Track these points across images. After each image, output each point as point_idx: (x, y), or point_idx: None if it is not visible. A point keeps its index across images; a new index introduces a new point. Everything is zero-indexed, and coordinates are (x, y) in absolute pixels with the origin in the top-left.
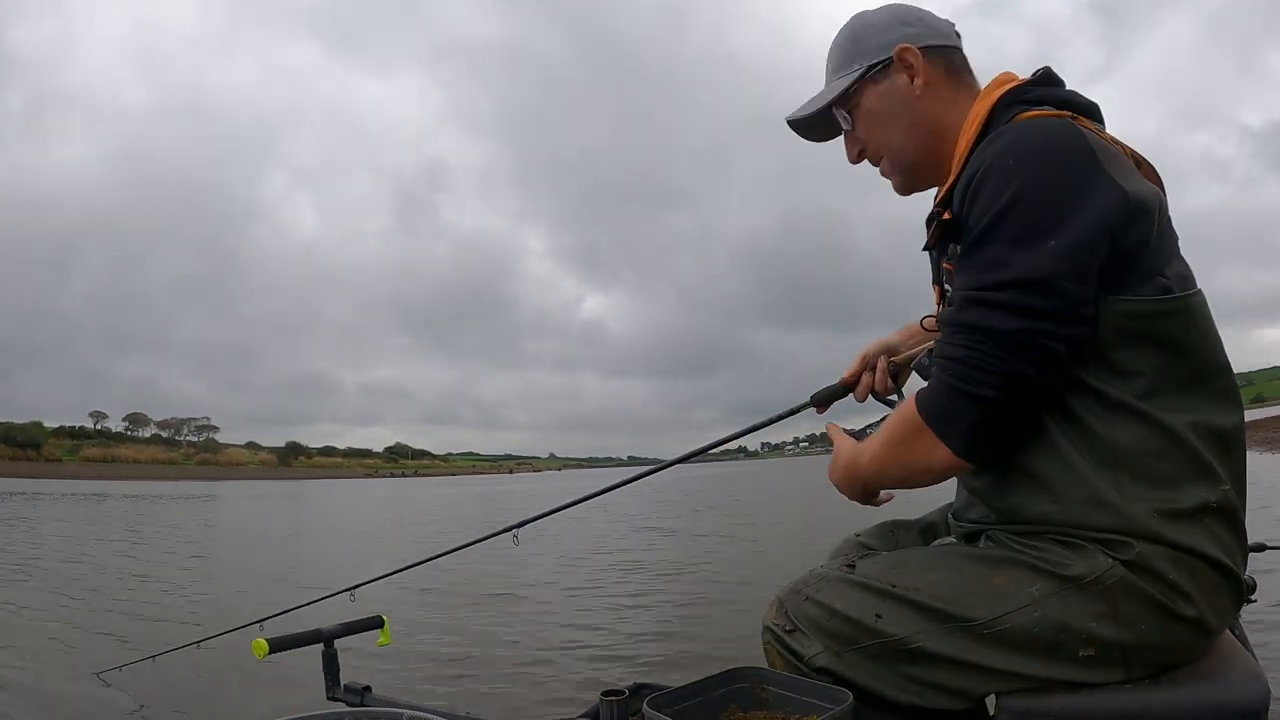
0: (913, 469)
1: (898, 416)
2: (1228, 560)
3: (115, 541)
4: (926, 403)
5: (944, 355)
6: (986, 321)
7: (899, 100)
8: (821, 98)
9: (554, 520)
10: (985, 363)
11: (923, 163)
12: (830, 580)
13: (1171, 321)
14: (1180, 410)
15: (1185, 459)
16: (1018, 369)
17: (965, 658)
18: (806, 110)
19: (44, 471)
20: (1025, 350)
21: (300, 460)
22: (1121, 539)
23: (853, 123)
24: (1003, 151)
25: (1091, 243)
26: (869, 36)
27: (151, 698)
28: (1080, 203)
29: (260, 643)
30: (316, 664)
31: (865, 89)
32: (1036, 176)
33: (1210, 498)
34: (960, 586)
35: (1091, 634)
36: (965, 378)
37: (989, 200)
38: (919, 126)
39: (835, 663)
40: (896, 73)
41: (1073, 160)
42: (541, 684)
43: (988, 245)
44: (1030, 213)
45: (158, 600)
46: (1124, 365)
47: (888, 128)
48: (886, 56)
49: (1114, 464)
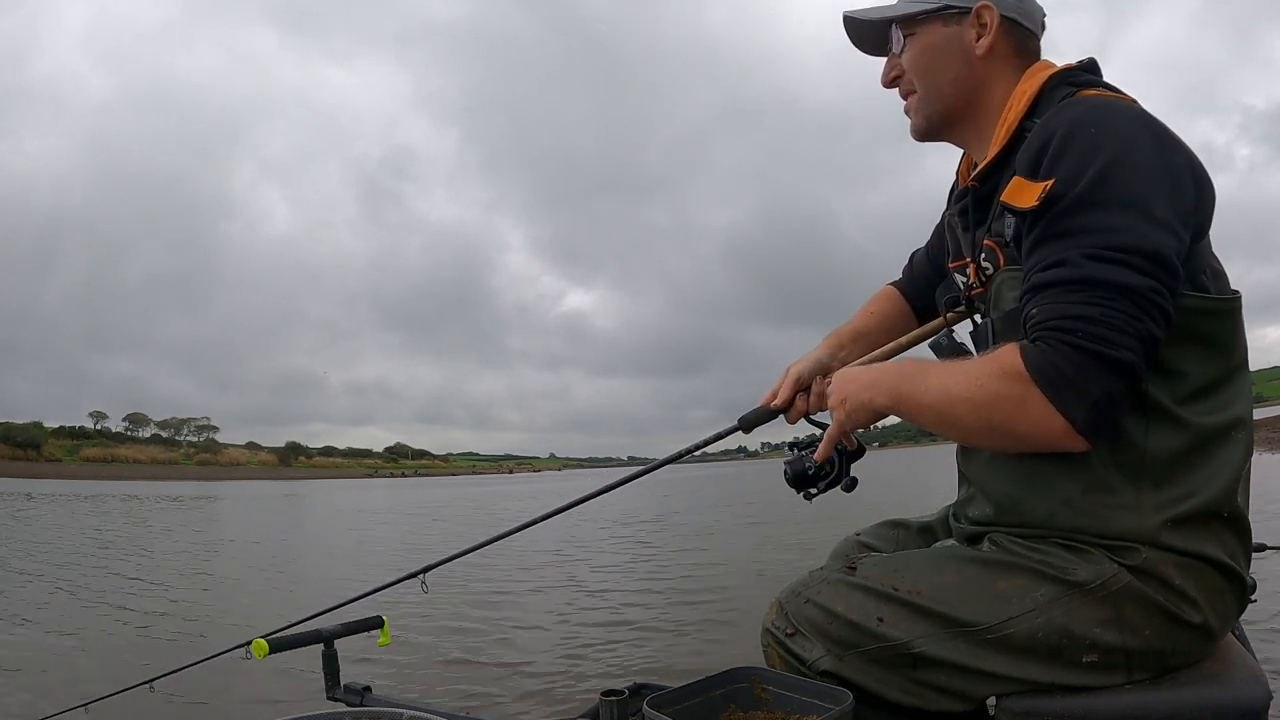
0: (1005, 433)
1: (992, 368)
2: (1232, 563)
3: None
4: (1042, 366)
5: (1068, 315)
6: (1119, 277)
7: (959, 50)
8: (890, 9)
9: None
10: (1122, 322)
11: (950, 117)
12: (831, 582)
13: (1219, 322)
14: (1212, 413)
15: (1207, 464)
16: (1150, 330)
17: (968, 662)
18: (869, 14)
19: (43, 471)
20: (1155, 312)
21: (300, 460)
22: (1129, 545)
23: (903, 47)
24: (1079, 121)
25: (1184, 215)
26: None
27: (153, 697)
28: (1171, 178)
29: (260, 643)
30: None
31: (932, 24)
32: (1126, 149)
33: (1223, 505)
34: (963, 591)
35: (1095, 639)
36: (1098, 338)
37: (1080, 165)
38: (964, 82)
39: (837, 666)
40: (969, 25)
41: (1152, 133)
42: (541, 684)
43: (1093, 210)
44: (1132, 183)
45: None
46: (1172, 363)
47: (937, 70)
48: (966, 6)
49: (1138, 471)
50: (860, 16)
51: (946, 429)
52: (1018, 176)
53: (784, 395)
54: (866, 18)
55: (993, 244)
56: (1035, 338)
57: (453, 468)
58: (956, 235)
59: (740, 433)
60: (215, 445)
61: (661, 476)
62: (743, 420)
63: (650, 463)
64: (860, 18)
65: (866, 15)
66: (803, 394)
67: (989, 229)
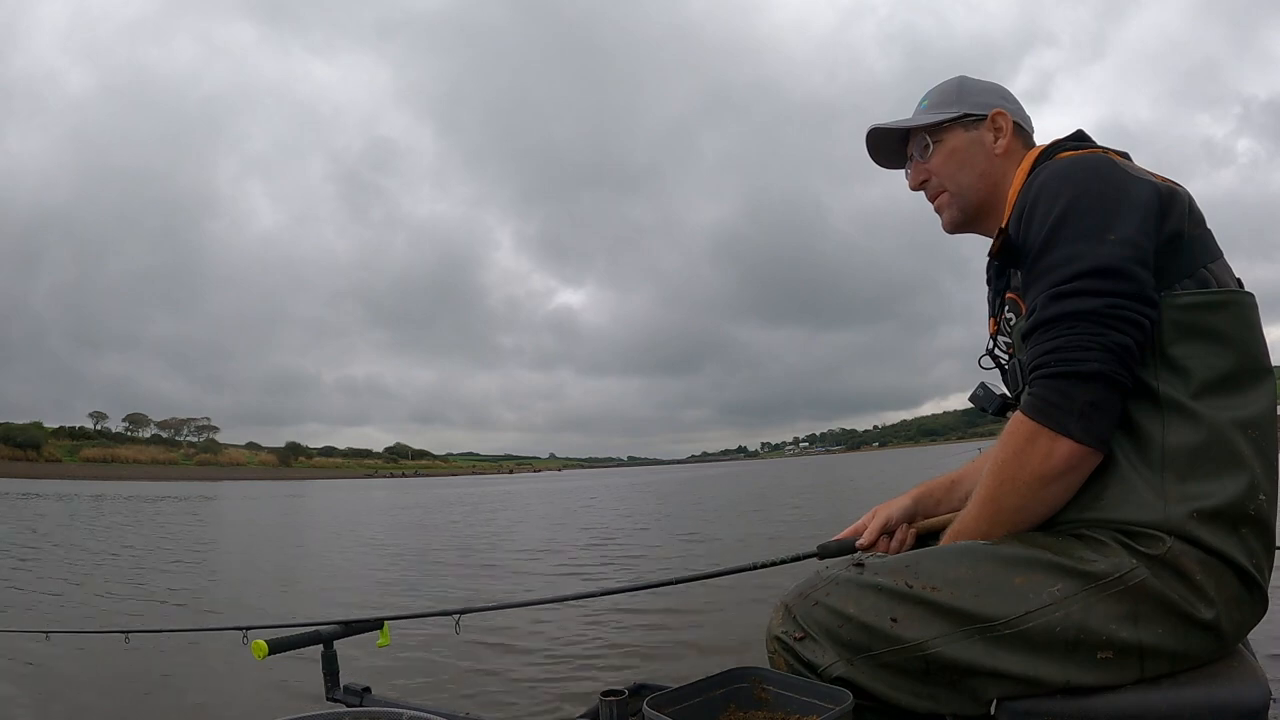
0: (1032, 483)
1: (1004, 436)
2: (1254, 571)
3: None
4: (1033, 405)
5: (1040, 353)
6: (1073, 307)
7: (981, 150)
8: (916, 119)
9: (553, 517)
10: (1084, 340)
11: (981, 209)
12: (840, 582)
13: (1220, 315)
14: (1227, 409)
15: (1229, 459)
16: (1115, 340)
17: (983, 662)
18: (898, 124)
19: (43, 472)
20: (1117, 323)
21: (301, 460)
22: (1154, 533)
23: (930, 153)
24: (1048, 179)
25: (1144, 230)
26: (974, 92)
27: (152, 697)
28: (1123, 200)
29: (260, 644)
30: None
31: (955, 130)
32: (1081, 189)
33: (1248, 504)
34: (979, 585)
35: (1111, 636)
36: (1067, 360)
37: (1043, 216)
38: (988, 178)
39: (850, 672)
40: (986, 129)
41: (1106, 170)
42: (541, 684)
43: (1053, 251)
44: (1084, 216)
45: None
46: (1178, 360)
47: (964, 169)
48: (983, 113)
49: (1161, 464)
50: (888, 127)
51: (1007, 516)
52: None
53: (869, 539)
54: (896, 127)
55: (1014, 295)
56: (1027, 383)
57: (453, 468)
58: (991, 295)
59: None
60: (215, 445)
61: (662, 476)
62: (822, 548)
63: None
64: (887, 128)
65: (895, 125)
66: (886, 537)
67: (1008, 285)
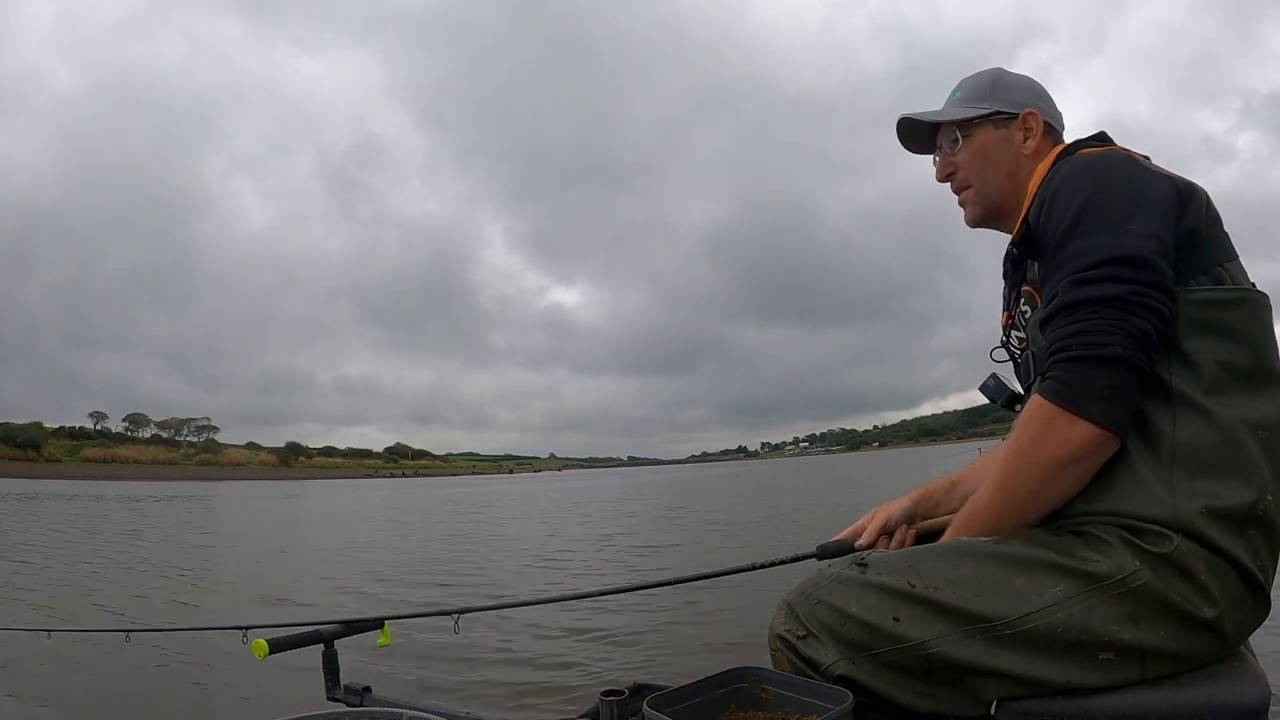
0: (1048, 467)
1: (1021, 420)
2: (1259, 573)
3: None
4: (1053, 388)
5: (1062, 336)
6: (1098, 292)
7: (1010, 149)
8: (947, 113)
9: (551, 515)
10: (1106, 325)
11: (1003, 208)
12: (843, 581)
13: (1235, 312)
14: (1239, 407)
15: (1239, 459)
16: (1138, 325)
17: (985, 662)
18: (927, 116)
19: (43, 472)
20: (1140, 310)
21: (301, 461)
22: (1161, 530)
23: (959, 148)
24: (1068, 174)
25: (1164, 224)
26: (1008, 88)
27: (152, 697)
28: (1143, 194)
29: (260, 643)
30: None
31: (985, 127)
32: (1103, 183)
33: (1257, 505)
34: (981, 585)
35: (1113, 637)
36: (1089, 344)
37: (1064, 208)
38: (1014, 177)
39: (852, 670)
40: (1016, 128)
41: (1126, 166)
42: (541, 684)
43: (1074, 241)
44: (1106, 208)
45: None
46: (1192, 356)
47: (991, 166)
48: (1015, 112)
49: (1170, 459)
50: (917, 118)
51: (1023, 504)
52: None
53: (868, 539)
54: (925, 119)
55: (1030, 288)
56: (1045, 368)
57: (453, 468)
58: (1006, 288)
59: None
60: (215, 446)
61: (662, 476)
62: (821, 549)
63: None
64: (917, 119)
65: (924, 117)
66: (886, 537)
67: (1024, 278)
